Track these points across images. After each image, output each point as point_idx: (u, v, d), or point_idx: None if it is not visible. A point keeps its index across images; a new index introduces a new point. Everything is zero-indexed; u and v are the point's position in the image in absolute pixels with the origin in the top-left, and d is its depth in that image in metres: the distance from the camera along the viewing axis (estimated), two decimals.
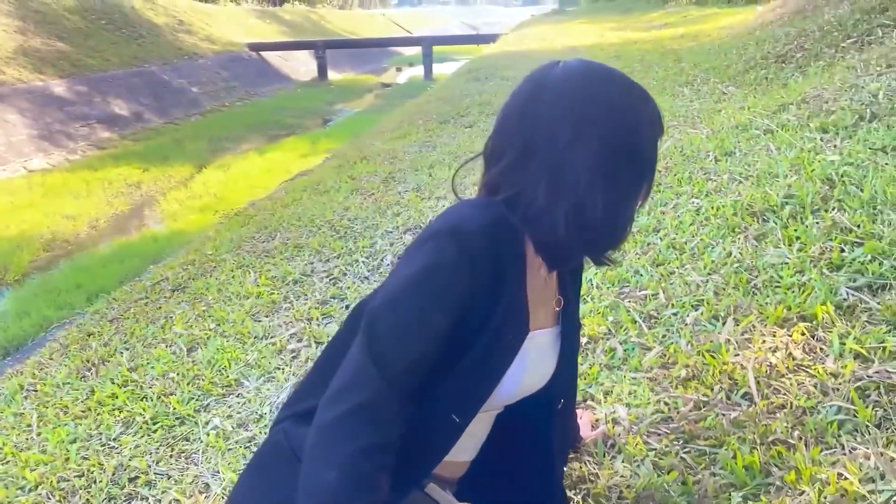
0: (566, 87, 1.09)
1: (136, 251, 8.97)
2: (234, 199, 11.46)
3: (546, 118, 1.06)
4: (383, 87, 29.47)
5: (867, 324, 1.97)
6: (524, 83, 1.12)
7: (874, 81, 4.56)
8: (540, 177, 1.05)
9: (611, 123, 1.08)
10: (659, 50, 10.04)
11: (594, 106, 1.08)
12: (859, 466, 1.45)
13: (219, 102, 23.60)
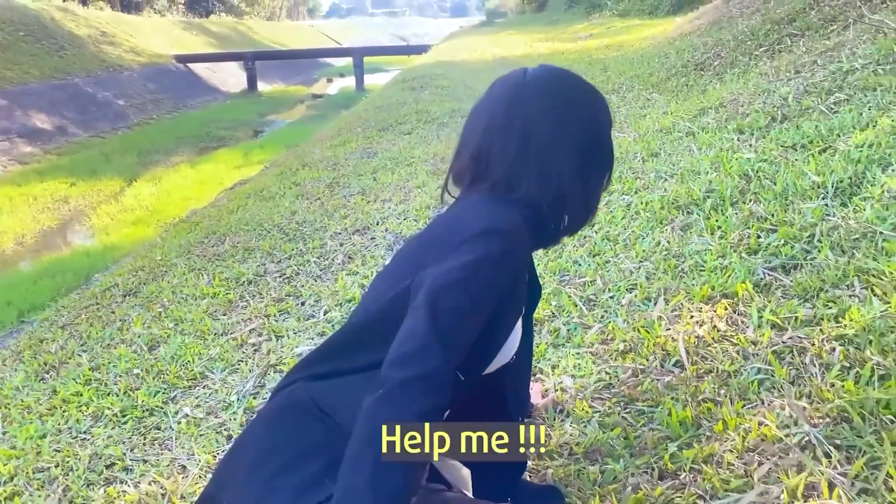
0: (544, 89, 1.28)
1: (69, 266, 8.79)
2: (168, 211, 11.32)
3: (533, 118, 1.25)
4: (314, 98, 29.39)
5: (781, 298, 2.21)
6: (501, 88, 1.30)
7: (784, 86, 4.91)
8: (532, 171, 1.24)
9: (582, 120, 1.29)
10: (586, 60, 10.42)
11: (569, 105, 1.28)
12: (776, 416, 1.66)
13: (146, 115, 23.15)
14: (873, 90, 3.89)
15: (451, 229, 1.26)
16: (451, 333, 1.13)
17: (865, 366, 1.73)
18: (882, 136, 3.20)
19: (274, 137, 20.03)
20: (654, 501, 1.48)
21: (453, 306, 1.14)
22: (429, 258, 1.22)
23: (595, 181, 1.35)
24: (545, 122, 1.25)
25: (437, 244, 1.26)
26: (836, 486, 1.40)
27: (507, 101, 1.28)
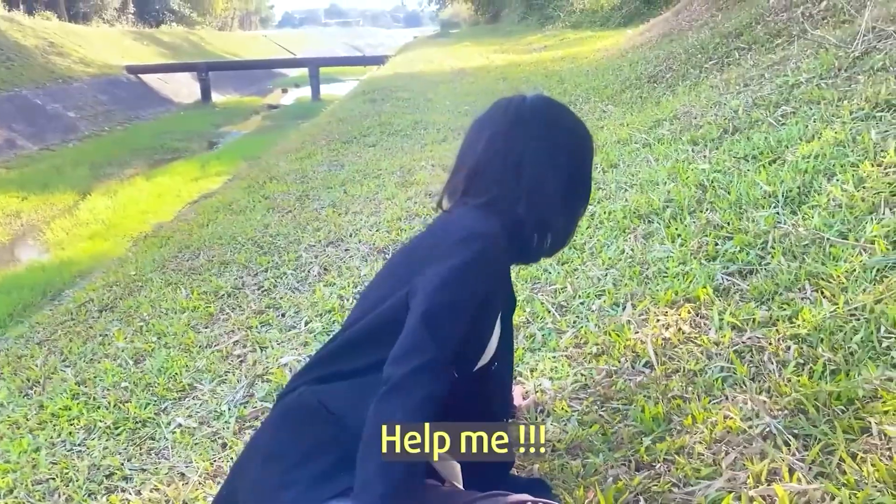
0: (542, 120, 1.43)
1: (25, 282, 8.65)
2: (126, 225, 11.19)
3: (530, 146, 1.40)
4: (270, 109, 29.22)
5: (740, 301, 2.38)
6: (502, 114, 1.45)
7: (734, 99, 5.15)
8: (522, 193, 1.38)
9: (573, 153, 1.45)
10: (542, 71, 10.65)
11: (563, 137, 1.44)
12: (740, 409, 1.82)
13: (98, 127, 22.78)
14: (817, 103, 4.13)
15: (438, 238, 1.39)
16: (442, 329, 1.26)
17: (818, 362, 1.89)
18: (826, 147, 3.42)
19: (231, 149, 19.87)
20: (633, 490, 1.62)
21: (442, 305, 1.27)
22: (421, 266, 1.34)
23: (576, 209, 1.52)
24: (540, 151, 1.40)
25: (428, 252, 1.38)
26: (796, 471, 1.55)
27: (507, 126, 1.42)
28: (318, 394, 1.37)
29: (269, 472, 1.29)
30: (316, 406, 1.35)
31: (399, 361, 1.23)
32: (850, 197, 2.83)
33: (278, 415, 1.40)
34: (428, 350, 1.23)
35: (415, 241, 1.53)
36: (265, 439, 1.38)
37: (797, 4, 6.86)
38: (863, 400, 1.72)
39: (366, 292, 1.52)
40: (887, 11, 5.16)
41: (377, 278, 1.52)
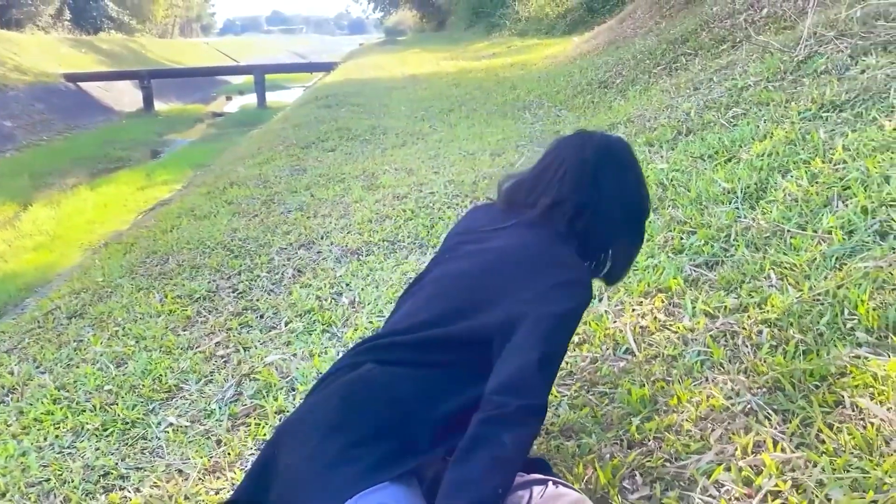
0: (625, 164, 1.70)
1: None
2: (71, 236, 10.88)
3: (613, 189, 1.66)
4: (215, 117, 28.78)
5: (709, 290, 2.51)
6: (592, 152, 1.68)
7: (686, 102, 5.35)
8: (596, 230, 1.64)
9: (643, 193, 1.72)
10: (493, 78, 10.80)
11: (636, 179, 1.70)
12: (721, 389, 1.93)
13: (36, 136, 22.11)
14: (766, 105, 4.33)
15: (541, 266, 1.55)
16: (551, 375, 1.46)
17: (790, 343, 2.02)
18: (779, 145, 3.60)
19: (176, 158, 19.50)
20: (629, 466, 1.70)
21: (555, 353, 1.46)
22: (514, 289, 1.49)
23: (637, 247, 1.82)
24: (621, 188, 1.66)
25: (527, 275, 1.53)
26: (780, 442, 1.66)
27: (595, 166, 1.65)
28: (387, 375, 1.44)
29: (332, 443, 1.33)
30: (380, 390, 1.42)
31: (515, 394, 1.35)
32: (804, 192, 3.00)
33: (343, 387, 1.43)
34: (541, 394, 1.40)
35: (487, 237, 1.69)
36: (328, 410, 1.40)
37: (740, 11, 7.14)
38: (834, 376, 1.84)
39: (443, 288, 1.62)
40: (826, 17, 5.43)
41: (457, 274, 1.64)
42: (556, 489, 1.45)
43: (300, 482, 1.36)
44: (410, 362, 1.47)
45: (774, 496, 1.52)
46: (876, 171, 2.90)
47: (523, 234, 1.63)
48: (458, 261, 1.68)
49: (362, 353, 1.53)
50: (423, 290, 1.66)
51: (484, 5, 25.47)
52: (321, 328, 2.81)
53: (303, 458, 1.37)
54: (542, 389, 1.40)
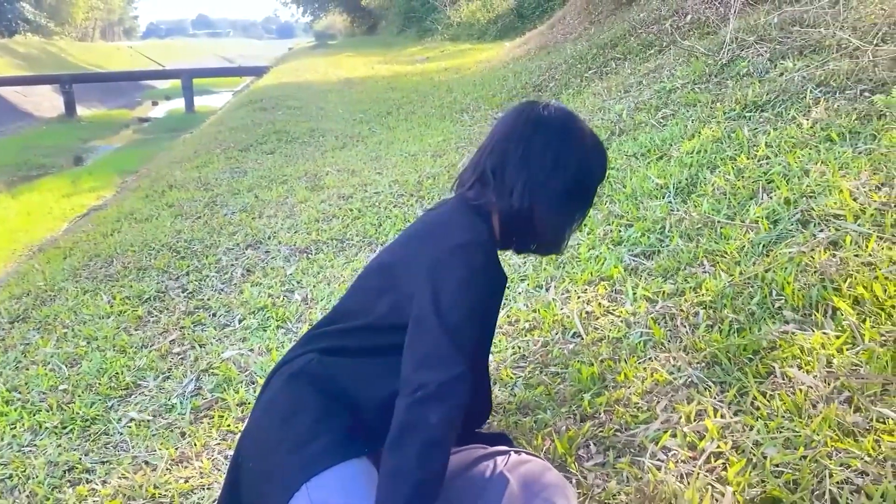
0: (559, 124, 1.53)
1: None
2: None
3: (539, 150, 1.50)
4: (141, 122, 28.07)
5: (648, 278, 2.66)
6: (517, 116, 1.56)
7: (617, 104, 5.56)
8: (522, 183, 1.49)
9: (582, 160, 1.54)
10: (429, 82, 10.91)
11: (575, 144, 1.53)
12: (663, 365, 2.07)
13: None
14: (693, 106, 4.56)
15: (436, 236, 1.51)
16: (466, 342, 1.39)
17: (724, 322, 2.18)
18: (707, 144, 3.81)
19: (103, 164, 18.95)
20: (583, 437, 1.83)
21: (462, 319, 1.39)
22: (418, 263, 1.45)
23: (572, 213, 1.60)
24: (548, 150, 1.50)
25: (421, 248, 1.51)
26: (719, 410, 1.81)
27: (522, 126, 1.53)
28: (328, 366, 1.49)
29: (293, 426, 1.40)
30: (326, 377, 1.48)
31: (431, 370, 1.35)
32: (732, 186, 3.20)
33: (289, 378, 1.50)
34: (458, 363, 1.36)
35: (416, 230, 1.64)
36: (279, 401, 1.47)
37: (665, 17, 7.43)
38: (766, 350, 2.01)
39: (365, 276, 1.63)
40: (746, 23, 5.73)
41: (377, 264, 1.63)
42: (519, 457, 1.56)
43: (265, 474, 1.43)
44: (347, 351, 1.52)
45: (717, 457, 1.67)
46: (796, 165, 3.12)
47: (441, 212, 1.61)
48: (384, 250, 1.71)
49: (303, 345, 1.59)
50: (355, 281, 1.72)
51: (415, 10, 25.60)
52: (276, 324, 2.86)
53: (264, 453, 1.44)
54: (457, 359, 1.36)
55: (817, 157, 3.16)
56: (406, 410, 1.34)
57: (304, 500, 1.34)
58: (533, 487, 1.47)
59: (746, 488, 1.55)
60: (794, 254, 2.46)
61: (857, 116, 3.48)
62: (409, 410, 1.33)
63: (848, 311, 2.09)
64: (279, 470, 1.39)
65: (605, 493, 1.62)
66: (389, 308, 1.48)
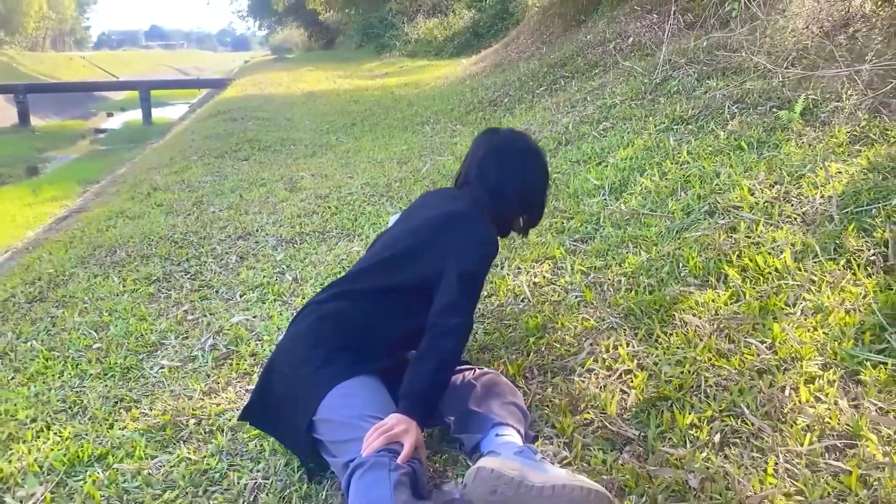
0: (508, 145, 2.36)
1: None
2: None
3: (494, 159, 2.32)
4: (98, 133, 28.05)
5: (584, 257, 3.25)
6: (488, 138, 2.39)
7: (564, 117, 6.19)
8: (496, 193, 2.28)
9: (526, 170, 2.36)
10: (390, 96, 11.48)
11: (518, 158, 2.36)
12: (591, 316, 2.65)
13: None
14: (630, 119, 5.21)
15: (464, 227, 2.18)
16: (474, 299, 2.11)
17: (640, 286, 2.77)
18: (638, 151, 4.44)
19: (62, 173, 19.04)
20: (528, 364, 2.39)
21: (474, 284, 2.10)
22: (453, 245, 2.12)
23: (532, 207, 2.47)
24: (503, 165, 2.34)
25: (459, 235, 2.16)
26: (631, 343, 2.40)
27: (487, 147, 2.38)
28: (353, 308, 2.09)
29: (318, 350, 1.96)
30: (350, 315, 2.08)
31: (450, 314, 1.98)
32: (656, 185, 3.82)
33: (319, 316, 2.08)
34: (468, 312, 2.06)
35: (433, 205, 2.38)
36: (309, 334, 2.04)
37: (609, 40, 8.13)
38: (669, 304, 2.60)
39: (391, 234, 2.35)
40: (679, 47, 6.44)
41: (401, 228, 2.35)
42: (480, 370, 2.12)
43: (297, 382, 1.97)
44: (370, 298, 2.12)
45: (626, 374, 2.25)
46: (710, 168, 3.76)
47: (453, 204, 2.32)
48: (404, 222, 2.36)
49: (331, 294, 2.16)
50: (378, 243, 2.33)
51: (374, 26, 26.17)
52: (273, 298, 3.37)
53: (295, 366, 2.00)
54: (469, 311, 2.06)
55: (728, 162, 3.80)
56: (430, 338, 1.95)
57: (332, 398, 1.88)
58: (493, 389, 2.03)
59: (645, 390, 2.13)
60: (699, 236, 3.07)
61: (764, 129, 4.14)
62: (432, 338, 1.94)
63: (735, 277, 2.70)
64: (311, 379, 1.93)
65: (543, 397, 2.19)
66: (417, 274, 2.10)
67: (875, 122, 3.74)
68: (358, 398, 1.89)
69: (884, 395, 1.93)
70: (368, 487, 1.59)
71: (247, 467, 2.04)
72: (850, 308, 2.35)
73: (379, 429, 1.73)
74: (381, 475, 1.60)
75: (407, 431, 1.73)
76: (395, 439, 1.71)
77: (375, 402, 1.87)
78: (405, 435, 1.72)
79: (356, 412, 1.82)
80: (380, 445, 1.68)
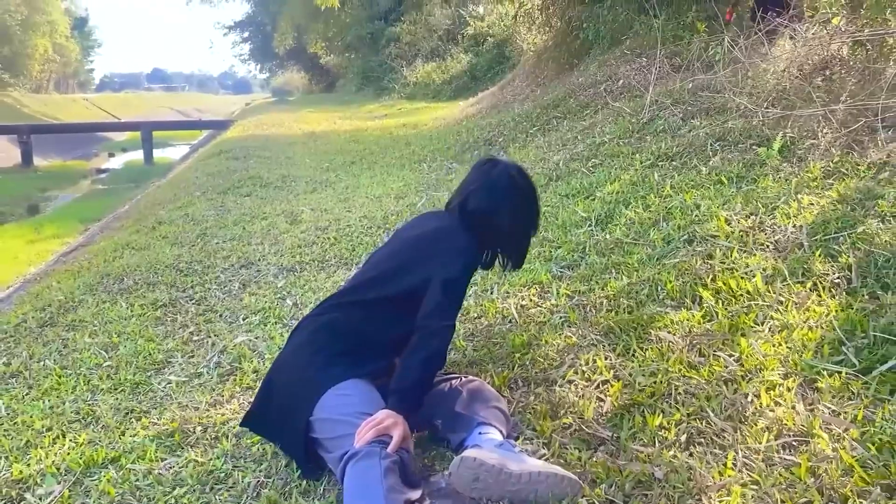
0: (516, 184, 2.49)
1: None
2: None
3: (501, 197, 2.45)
4: (99, 173, 28.41)
5: (569, 282, 3.43)
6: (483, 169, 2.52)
7: (556, 155, 6.43)
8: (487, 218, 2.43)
9: (518, 202, 2.48)
10: (388, 136, 11.77)
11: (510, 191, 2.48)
12: (573, 334, 2.83)
13: None
14: (617, 157, 5.44)
15: (448, 240, 2.38)
16: (457, 304, 2.30)
17: (621, 307, 2.96)
18: (624, 186, 4.65)
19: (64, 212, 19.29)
20: (514, 377, 2.56)
21: (457, 290, 2.28)
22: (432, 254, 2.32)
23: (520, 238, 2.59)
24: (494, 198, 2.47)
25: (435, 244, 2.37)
26: (609, 357, 2.57)
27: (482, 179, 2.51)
28: (349, 317, 2.28)
29: (318, 356, 2.16)
30: (347, 324, 2.26)
31: (435, 317, 2.18)
32: (640, 217, 4.02)
33: (317, 328, 2.27)
34: (452, 315, 2.26)
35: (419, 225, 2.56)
36: (311, 339, 2.24)
37: (600, 82, 8.42)
38: (647, 323, 2.78)
39: (381, 253, 2.54)
40: (665, 89, 6.71)
41: (391, 247, 2.53)
42: (466, 378, 2.29)
43: (299, 385, 2.14)
44: (362, 308, 2.32)
45: (604, 384, 2.42)
46: (691, 201, 3.96)
47: (438, 222, 2.52)
48: (393, 242, 2.56)
49: (326, 307, 2.35)
50: (369, 262, 2.52)
51: (373, 70, 26.72)
52: (274, 321, 3.55)
53: (299, 369, 2.18)
54: (452, 315, 2.25)
55: (708, 195, 4.01)
56: (418, 338, 2.14)
57: (328, 398, 2.05)
58: (477, 395, 2.21)
59: (620, 398, 2.30)
60: (678, 262, 3.27)
61: (744, 164, 4.36)
62: (420, 338, 2.14)
63: (709, 298, 2.88)
64: (311, 382, 2.11)
65: (526, 405, 2.36)
66: (404, 285, 2.29)
67: (847, 158, 3.96)
68: (353, 398, 2.06)
69: (837, 400, 2.10)
70: (362, 472, 1.76)
71: (250, 468, 2.20)
72: (814, 325, 2.54)
73: (370, 423, 1.90)
74: (373, 462, 1.77)
75: (396, 424, 1.90)
76: (385, 432, 1.88)
77: (368, 401, 2.04)
78: (394, 427, 1.89)
79: (351, 410, 1.99)
80: (371, 437, 1.85)
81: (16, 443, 2.51)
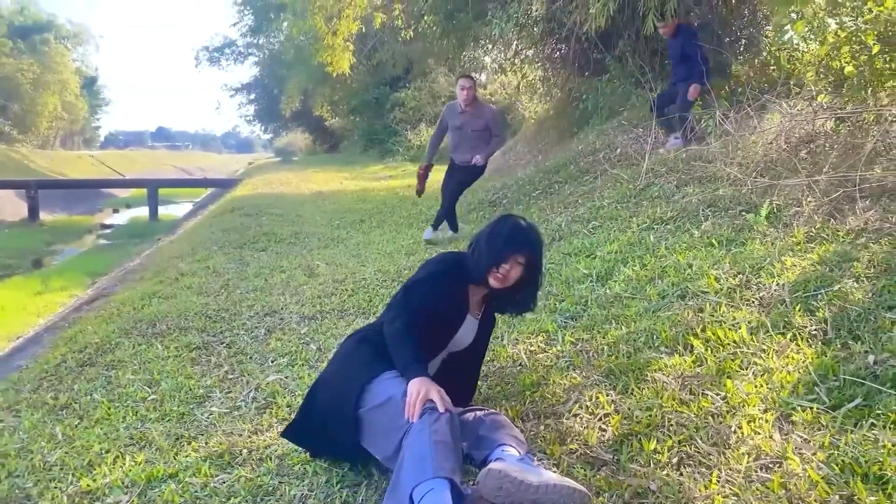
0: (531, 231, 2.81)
1: None
2: None
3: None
4: (104, 229, 28.87)
5: (573, 330, 3.77)
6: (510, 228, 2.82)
7: (558, 217, 6.81)
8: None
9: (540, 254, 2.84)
10: (395, 196, 12.23)
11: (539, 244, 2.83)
12: (577, 375, 3.15)
13: None
14: (616, 219, 5.82)
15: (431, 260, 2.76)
16: (410, 302, 2.65)
17: (620, 352, 3.29)
18: (622, 246, 5.02)
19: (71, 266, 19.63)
20: (525, 410, 2.87)
21: (413, 290, 2.70)
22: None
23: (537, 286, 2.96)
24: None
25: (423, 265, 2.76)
26: (609, 394, 2.89)
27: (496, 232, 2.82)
28: (369, 336, 2.67)
29: (358, 359, 2.55)
30: (369, 340, 2.65)
31: (395, 316, 2.59)
32: (637, 274, 4.38)
33: (358, 340, 2.67)
34: (409, 312, 2.61)
35: None
36: (352, 350, 2.61)
37: (599, 150, 8.89)
38: (643, 366, 3.11)
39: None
40: (660, 158, 7.15)
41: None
42: (488, 411, 2.61)
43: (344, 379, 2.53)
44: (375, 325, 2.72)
45: (606, 416, 2.73)
46: (684, 260, 4.32)
47: None
48: None
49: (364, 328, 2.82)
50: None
51: (378, 132, 27.43)
52: (301, 363, 3.87)
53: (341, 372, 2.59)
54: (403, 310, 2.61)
55: (700, 256, 4.37)
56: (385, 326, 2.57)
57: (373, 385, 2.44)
58: (498, 423, 2.53)
59: (620, 428, 2.61)
60: (671, 315, 3.61)
61: (733, 229, 4.74)
62: (385, 326, 2.57)
63: (699, 346, 3.22)
64: (354, 377, 2.49)
65: (537, 433, 2.67)
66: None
67: (828, 225, 4.34)
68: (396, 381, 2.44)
69: (809, 430, 2.42)
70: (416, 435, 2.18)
71: (294, 483, 2.50)
72: (792, 369, 2.87)
73: (410, 400, 2.28)
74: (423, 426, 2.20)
75: (428, 389, 2.29)
76: (425, 399, 2.26)
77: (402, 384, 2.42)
78: (428, 392, 2.29)
79: (398, 390, 2.38)
80: (420, 409, 2.24)
81: (79, 462, 2.81)
